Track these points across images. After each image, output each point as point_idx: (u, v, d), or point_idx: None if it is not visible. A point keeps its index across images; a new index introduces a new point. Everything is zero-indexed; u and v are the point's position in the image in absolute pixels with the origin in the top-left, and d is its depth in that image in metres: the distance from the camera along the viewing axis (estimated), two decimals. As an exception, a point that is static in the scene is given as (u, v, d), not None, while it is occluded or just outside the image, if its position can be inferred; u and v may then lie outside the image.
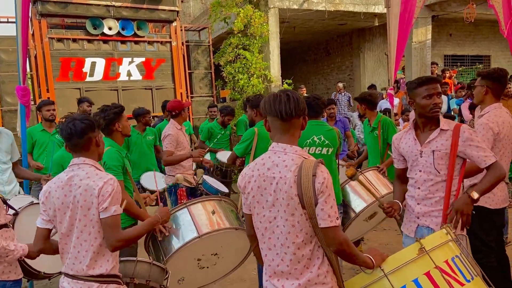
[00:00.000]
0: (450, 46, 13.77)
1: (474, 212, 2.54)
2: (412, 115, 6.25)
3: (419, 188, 2.54)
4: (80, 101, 6.21)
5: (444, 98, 8.57)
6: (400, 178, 2.77)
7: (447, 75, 10.29)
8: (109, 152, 3.01)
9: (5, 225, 2.49)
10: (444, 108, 8.37)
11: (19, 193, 3.88)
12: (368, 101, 4.67)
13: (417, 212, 2.56)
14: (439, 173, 2.46)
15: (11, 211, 2.95)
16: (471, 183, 2.87)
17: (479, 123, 2.95)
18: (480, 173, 2.63)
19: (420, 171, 2.53)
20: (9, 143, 3.82)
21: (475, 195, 2.38)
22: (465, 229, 2.45)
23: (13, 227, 2.80)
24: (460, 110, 8.15)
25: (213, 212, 2.91)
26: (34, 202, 3.14)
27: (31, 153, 5.04)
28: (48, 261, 2.69)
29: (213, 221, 2.88)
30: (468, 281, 1.99)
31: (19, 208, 3.03)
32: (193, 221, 2.82)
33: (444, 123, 2.50)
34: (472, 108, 6.92)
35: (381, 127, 4.51)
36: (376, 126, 4.56)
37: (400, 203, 2.66)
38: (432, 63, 10.99)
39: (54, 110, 5.13)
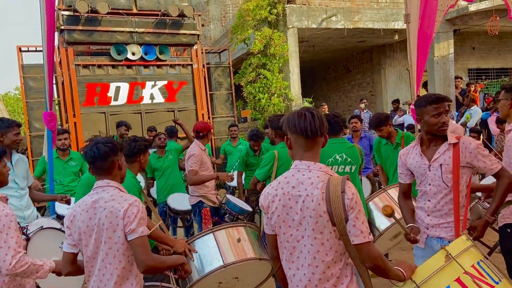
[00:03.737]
0: (473, 60, 13.53)
1: (509, 230, 2.43)
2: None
3: (429, 200, 2.62)
4: (118, 125, 6.38)
5: (477, 109, 8.32)
6: (405, 194, 2.84)
7: (472, 88, 10.09)
8: (126, 178, 3.06)
9: None
10: (473, 121, 8.14)
11: (37, 217, 3.92)
12: (383, 120, 4.64)
13: (427, 223, 2.63)
14: (447, 186, 2.52)
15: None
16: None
17: (509, 138, 2.86)
18: None
19: (430, 184, 2.59)
20: (25, 169, 3.87)
21: (490, 218, 2.48)
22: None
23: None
24: (486, 123, 7.92)
25: (239, 240, 2.88)
26: (44, 227, 3.13)
27: (39, 177, 5.15)
28: (58, 283, 2.69)
29: (238, 249, 2.84)
30: (497, 282, 2.01)
31: (29, 233, 3.04)
32: (219, 249, 2.80)
33: (451, 137, 2.56)
34: (499, 122, 6.73)
35: (404, 142, 4.45)
36: (400, 142, 4.52)
37: (418, 227, 2.69)
38: (456, 77, 10.80)
39: (66, 139, 5.24)
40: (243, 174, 5.82)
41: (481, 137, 7.31)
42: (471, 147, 2.48)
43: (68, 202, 4.19)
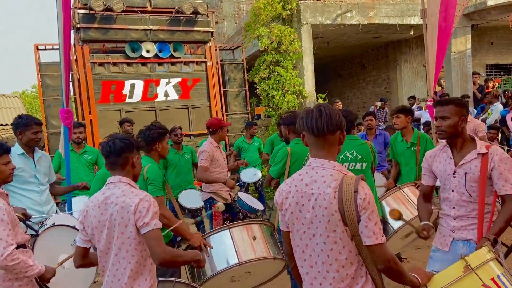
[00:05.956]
0: (491, 55, 13.25)
1: None
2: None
3: (454, 208, 2.57)
4: (121, 123, 6.45)
5: (499, 106, 8.13)
6: (426, 196, 2.76)
7: (491, 85, 9.89)
8: (151, 167, 3.12)
9: (23, 245, 2.48)
10: (492, 118, 7.96)
11: (56, 212, 3.99)
12: (406, 110, 4.63)
13: (453, 226, 2.56)
14: (471, 196, 2.46)
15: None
16: None
17: None
18: None
19: (453, 191, 2.53)
20: (47, 165, 3.94)
21: (491, 237, 2.37)
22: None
23: (33, 249, 2.80)
24: (503, 120, 7.74)
25: (254, 238, 2.89)
26: (56, 224, 3.17)
27: (56, 171, 5.23)
28: (66, 282, 2.71)
29: (254, 248, 2.85)
30: None
31: (39, 229, 3.08)
32: (234, 246, 2.81)
33: (481, 146, 2.48)
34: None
35: (420, 142, 4.40)
36: (415, 142, 4.46)
37: (432, 225, 2.60)
38: (474, 73, 10.60)
39: (81, 133, 5.30)
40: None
41: (499, 134, 7.17)
42: (496, 159, 2.43)
43: (86, 188, 4.26)
